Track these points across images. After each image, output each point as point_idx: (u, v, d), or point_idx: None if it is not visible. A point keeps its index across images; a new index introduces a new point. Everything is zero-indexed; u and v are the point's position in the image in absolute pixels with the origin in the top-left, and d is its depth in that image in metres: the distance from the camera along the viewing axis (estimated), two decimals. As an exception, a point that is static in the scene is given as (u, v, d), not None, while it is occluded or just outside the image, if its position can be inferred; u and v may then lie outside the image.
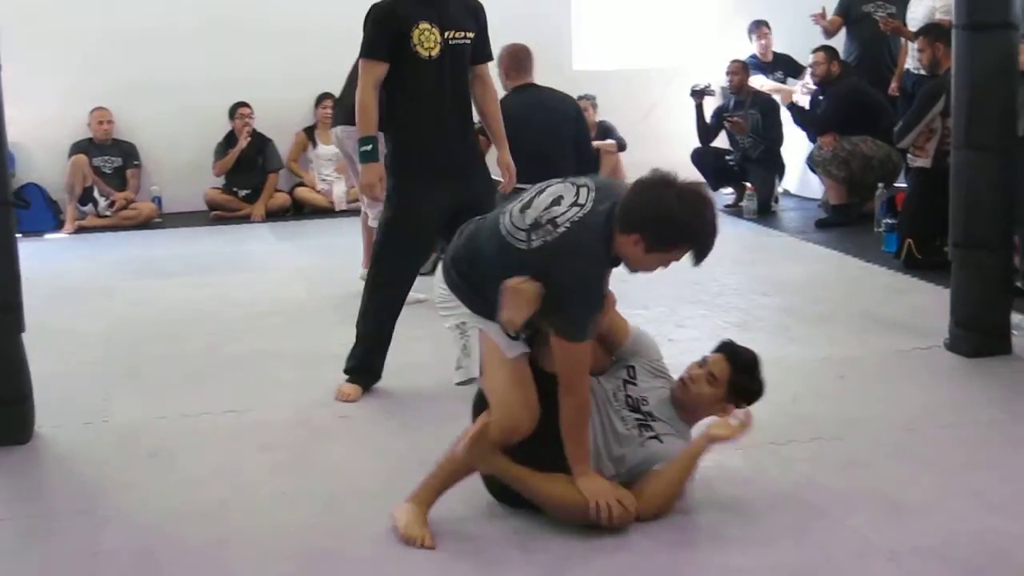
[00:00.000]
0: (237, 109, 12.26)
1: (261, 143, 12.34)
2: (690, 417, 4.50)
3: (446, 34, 5.71)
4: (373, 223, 8.08)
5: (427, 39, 5.67)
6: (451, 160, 5.80)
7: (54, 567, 4.20)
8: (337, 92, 10.20)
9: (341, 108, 8.38)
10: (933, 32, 9.12)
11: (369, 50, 5.76)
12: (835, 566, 3.96)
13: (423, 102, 5.79)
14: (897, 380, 5.96)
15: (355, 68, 8.09)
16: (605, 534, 4.15)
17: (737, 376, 4.42)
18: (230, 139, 12.30)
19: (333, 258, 9.52)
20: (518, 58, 7.83)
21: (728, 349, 4.51)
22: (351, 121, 8.02)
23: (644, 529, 4.22)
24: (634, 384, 4.47)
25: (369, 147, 5.82)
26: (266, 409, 5.83)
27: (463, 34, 5.79)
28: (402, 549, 4.18)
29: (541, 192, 4.25)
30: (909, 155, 9.06)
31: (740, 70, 11.78)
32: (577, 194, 4.15)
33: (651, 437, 4.36)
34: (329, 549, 4.22)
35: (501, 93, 7.04)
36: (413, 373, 6.22)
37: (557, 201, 4.14)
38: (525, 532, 4.25)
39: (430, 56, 5.69)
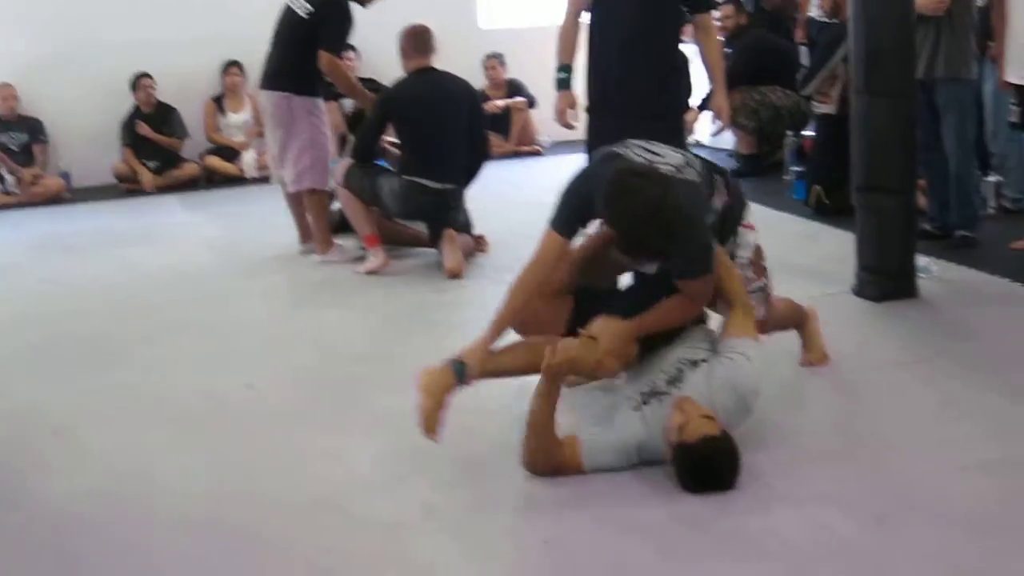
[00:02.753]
0: (139, 80, 12.10)
1: (165, 113, 12.20)
2: None
3: None
4: (296, 187, 8.06)
5: None
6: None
7: (-45, 551, 4.13)
8: (242, 58, 10.17)
9: (264, 70, 8.24)
10: (834, -22, 9.14)
11: None
12: (737, 513, 3.97)
13: (603, 50, 5.78)
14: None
15: (280, 27, 8.07)
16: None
17: None
18: (137, 113, 12.16)
19: (242, 228, 9.44)
20: (419, 39, 7.78)
21: None
22: (277, 86, 7.99)
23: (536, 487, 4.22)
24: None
25: (563, 75, 5.95)
26: (173, 382, 5.77)
27: None
28: (316, 516, 4.16)
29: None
30: (814, 102, 9.08)
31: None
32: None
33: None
34: (240, 521, 4.18)
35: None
36: (323, 350, 6.18)
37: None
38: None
39: None
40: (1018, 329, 5.80)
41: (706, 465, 4.06)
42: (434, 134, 7.44)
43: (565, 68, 5.92)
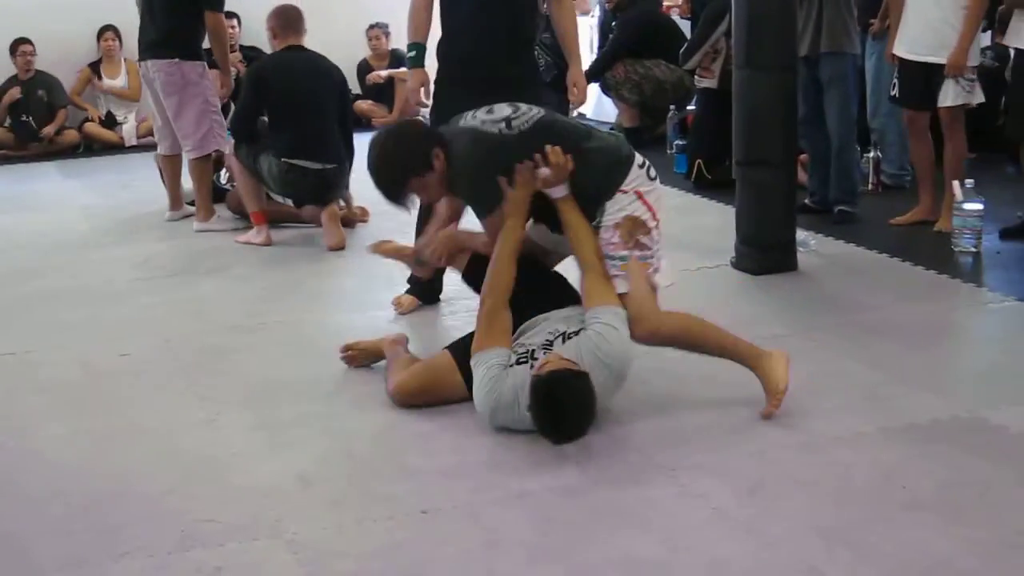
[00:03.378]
0: (18, 46, 11.89)
1: (44, 81, 12.01)
2: None
3: None
4: (199, 152, 7.99)
5: None
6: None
7: None
8: (118, 23, 10.01)
9: (144, 41, 8.13)
10: (715, -49, 9.17)
11: None
12: (614, 483, 3.98)
13: (462, 25, 5.72)
14: (683, 299, 5.90)
15: None
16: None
17: None
18: (13, 80, 11.97)
19: (120, 195, 9.33)
20: (287, 17, 7.70)
21: None
22: (164, 54, 7.87)
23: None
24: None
25: (414, 53, 5.82)
26: (46, 351, 5.67)
27: None
28: (189, 486, 4.11)
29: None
30: (696, 76, 9.11)
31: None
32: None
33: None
34: (112, 492, 4.10)
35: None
36: (199, 319, 6.11)
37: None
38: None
39: None
40: (894, 303, 5.86)
41: (555, 395, 4.05)
42: (309, 113, 7.37)
43: (417, 46, 5.81)
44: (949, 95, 6.90)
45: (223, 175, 8.50)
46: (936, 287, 6.13)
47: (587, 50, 12.08)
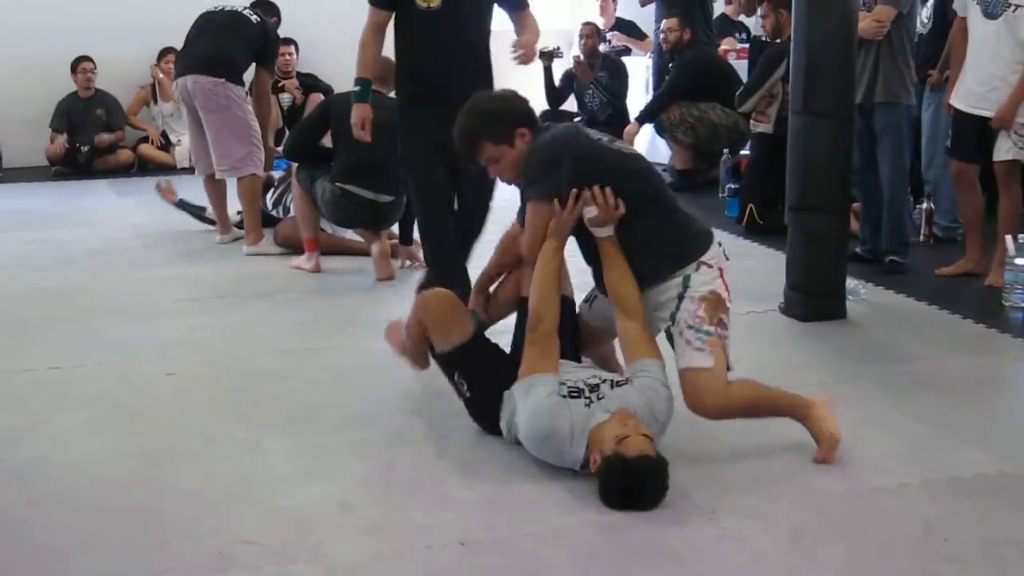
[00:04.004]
0: (79, 64, 12.02)
1: (102, 100, 12.13)
2: None
3: None
4: (238, 173, 8.06)
5: None
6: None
7: None
8: (178, 46, 10.08)
9: (188, 57, 8.26)
10: (775, -2, 9.17)
11: None
12: (654, 523, 3.95)
13: (422, 53, 5.80)
14: (731, 343, 5.96)
15: (220, 20, 8.15)
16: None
17: None
18: (73, 97, 12.10)
19: (172, 215, 9.35)
20: (382, 71, 7.72)
21: None
22: (213, 72, 7.97)
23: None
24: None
25: (358, 88, 5.89)
26: (91, 366, 5.71)
27: None
28: (229, 506, 4.13)
29: None
30: (752, 120, 9.11)
31: (593, 33, 11.79)
32: None
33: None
34: (152, 509, 4.11)
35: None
36: (245, 342, 6.13)
37: None
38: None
39: (428, 7, 5.68)
40: (942, 355, 5.82)
41: (637, 483, 4.02)
42: (372, 145, 7.41)
43: (363, 81, 5.88)
44: (1002, 149, 6.88)
45: (269, 200, 8.51)
46: (985, 341, 6.08)
47: (642, 91, 12.12)
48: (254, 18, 8.31)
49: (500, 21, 5.97)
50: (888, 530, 3.91)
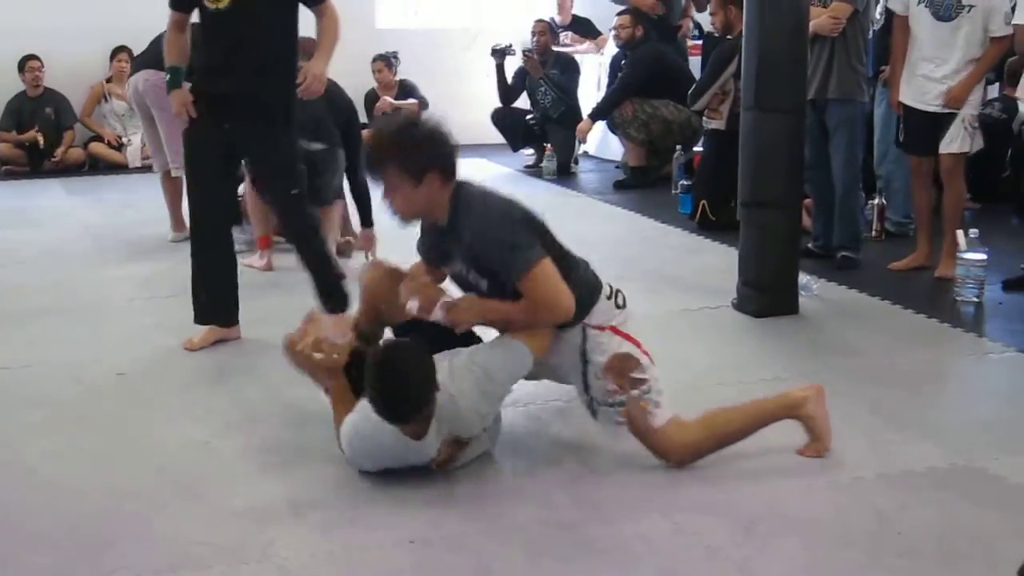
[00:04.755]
0: (26, 62, 11.93)
1: (52, 99, 12.04)
2: None
3: None
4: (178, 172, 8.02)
5: None
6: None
7: None
8: (132, 45, 10.06)
9: (140, 57, 8.24)
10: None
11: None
12: (608, 520, 3.95)
13: (211, 51, 5.83)
14: (684, 339, 5.98)
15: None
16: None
17: None
18: (22, 97, 12.02)
19: (123, 214, 9.32)
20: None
21: None
22: (153, 64, 7.90)
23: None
24: None
25: (168, 76, 5.87)
26: (40, 366, 5.66)
27: None
28: (176, 510, 4.08)
29: None
30: (704, 117, 9.12)
31: (545, 30, 11.78)
32: None
33: None
34: (102, 509, 4.09)
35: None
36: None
37: None
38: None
39: (217, 8, 5.65)
40: (894, 349, 5.84)
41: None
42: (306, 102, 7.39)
43: (175, 68, 5.88)
44: (954, 142, 6.94)
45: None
46: (937, 335, 6.11)
47: (595, 88, 12.12)
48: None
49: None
50: (842, 523, 3.92)
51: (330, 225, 7.54)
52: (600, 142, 12.39)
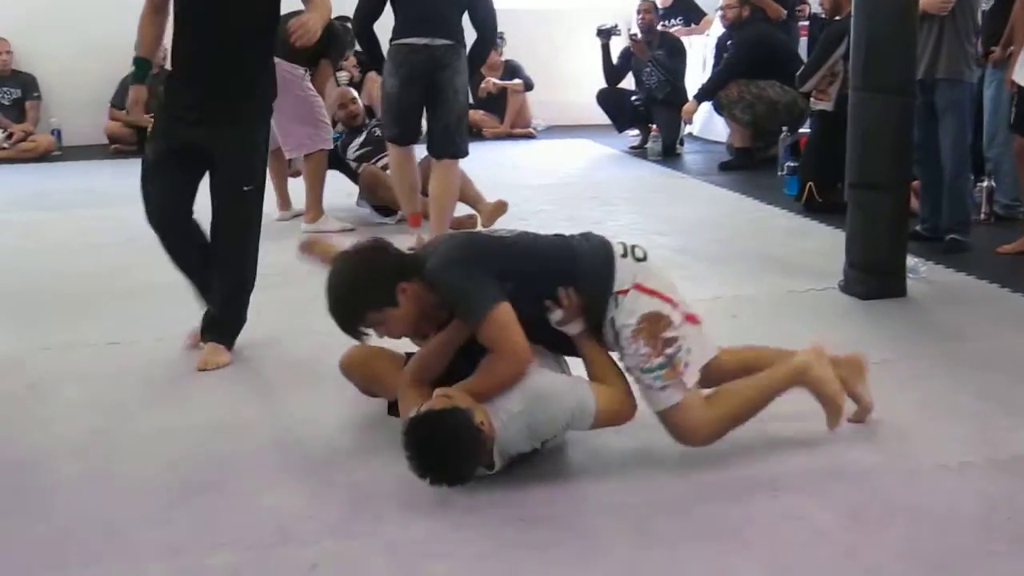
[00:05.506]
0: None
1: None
2: None
3: None
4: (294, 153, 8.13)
5: None
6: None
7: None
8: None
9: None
10: (834, -24, 9.10)
11: None
12: (716, 500, 3.94)
13: (182, 34, 5.50)
14: (789, 320, 5.96)
15: None
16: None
17: None
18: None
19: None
20: None
21: None
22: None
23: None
24: None
25: (134, 68, 5.62)
26: (151, 342, 5.76)
27: None
28: (284, 484, 4.13)
29: None
30: (812, 99, 9.06)
31: (650, 9, 11.76)
32: None
33: None
34: (210, 481, 4.15)
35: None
36: (303, 315, 6.13)
37: None
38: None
39: None
40: (1002, 333, 5.77)
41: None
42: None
43: (139, 62, 5.58)
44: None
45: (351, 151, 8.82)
46: (1048, 320, 6.04)
47: (700, 69, 12.08)
48: None
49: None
50: (949, 509, 3.88)
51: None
52: (705, 123, 12.36)
